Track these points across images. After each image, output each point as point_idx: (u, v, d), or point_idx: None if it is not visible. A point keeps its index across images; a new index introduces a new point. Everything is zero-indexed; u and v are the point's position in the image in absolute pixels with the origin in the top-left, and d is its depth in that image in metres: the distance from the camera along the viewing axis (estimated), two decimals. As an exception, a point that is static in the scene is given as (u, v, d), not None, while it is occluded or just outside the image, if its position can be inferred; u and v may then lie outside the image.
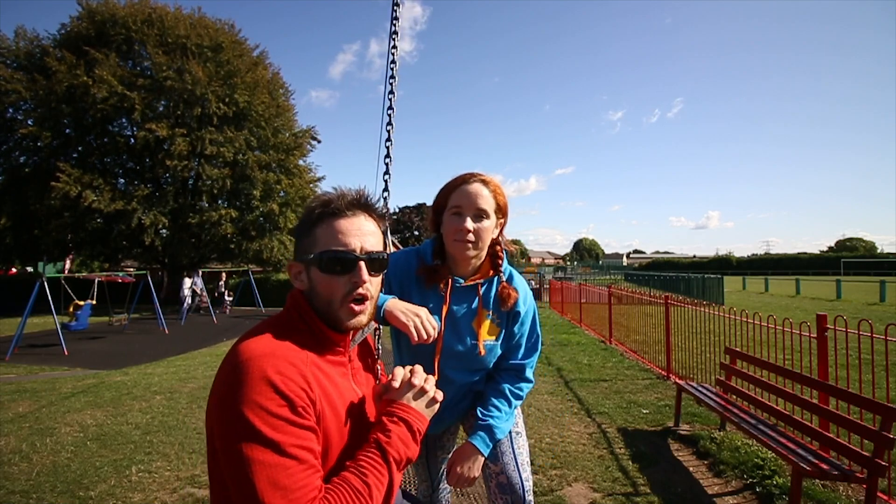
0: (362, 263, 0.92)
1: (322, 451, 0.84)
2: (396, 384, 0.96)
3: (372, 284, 0.95)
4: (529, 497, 1.45)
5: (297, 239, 0.98)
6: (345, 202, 0.94)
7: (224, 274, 18.06)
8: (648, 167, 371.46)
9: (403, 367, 1.01)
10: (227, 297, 17.18)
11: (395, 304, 1.24)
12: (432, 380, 1.00)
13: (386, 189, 1.34)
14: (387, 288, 1.42)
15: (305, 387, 0.81)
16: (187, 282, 14.78)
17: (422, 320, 1.21)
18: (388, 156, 1.35)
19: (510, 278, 1.51)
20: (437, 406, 1.01)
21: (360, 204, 0.97)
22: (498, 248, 1.50)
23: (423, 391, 0.97)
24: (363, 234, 0.93)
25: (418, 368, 1.00)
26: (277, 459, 0.74)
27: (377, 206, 1.01)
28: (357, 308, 0.93)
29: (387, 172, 1.35)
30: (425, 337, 1.20)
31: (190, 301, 14.83)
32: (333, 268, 0.91)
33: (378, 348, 1.24)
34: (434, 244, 1.48)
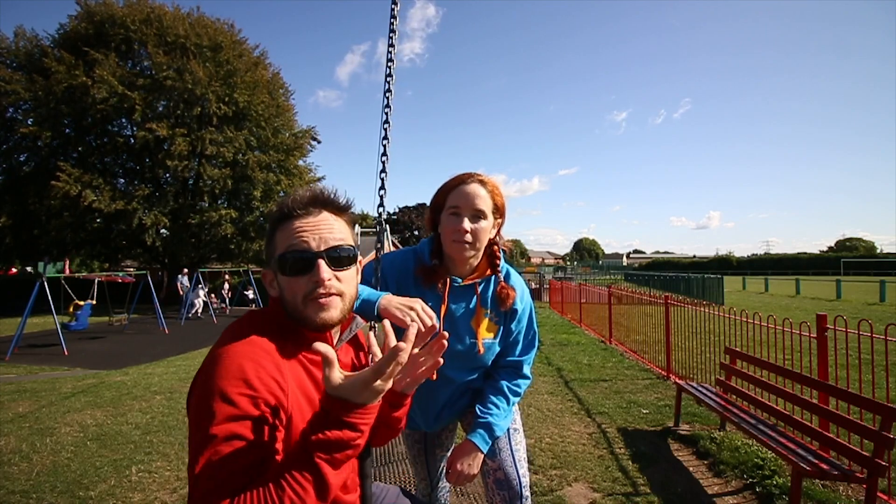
0: (320, 260, 0.88)
1: (292, 445, 0.83)
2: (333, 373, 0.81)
3: (340, 280, 0.92)
4: (526, 493, 1.47)
5: (266, 248, 0.97)
6: (298, 202, 0.92)
7: (226, 274, 18.08)
8: (651, 168, 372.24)
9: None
10: (224, 296, 17.21)
11: (389, 300, 1.23)
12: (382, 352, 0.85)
13: (382, 187, 1.34)
14: (383, 287, 1.42)
15: (279, 378, 0.81)
16: (196, 286, 14.78)
17: (418, 313, 1.19)
18: (384, 154, 1.35)
19: (507, 277, 1.51)
20: (385, 383, 0.78)
21: (316, 201, 0.94)
22: (495, 247, 1.50)
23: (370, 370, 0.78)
24: (320, 229, 0.91)
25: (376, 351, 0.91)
26: (223, 447, 0.73)
27: (337, 199, 0.97)
28: (323, 302, 0.89)
29: (383, 171, 1.35)
30: (423, 330, 1.19)
31: (200, 304, 14.86)
32: (292, 269, 0.89)
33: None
34: (432, 244, 1.48)
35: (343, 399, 0.76)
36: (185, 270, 15.36)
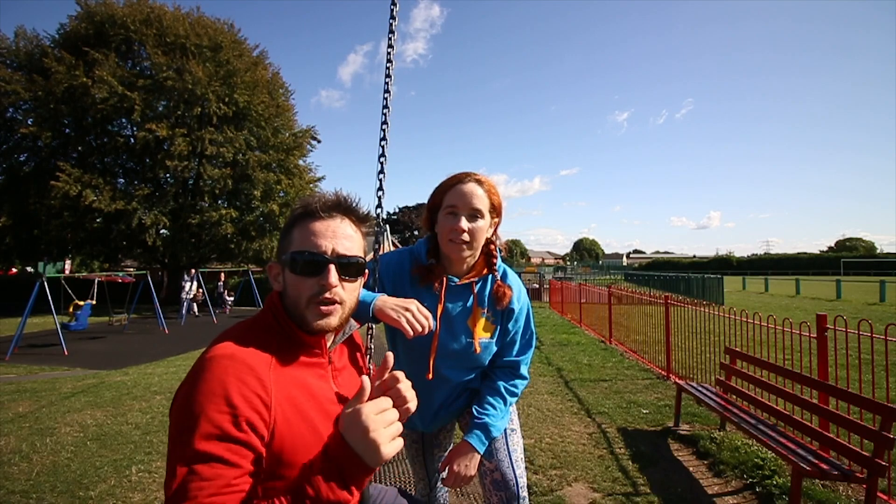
0: (332, 266, 0.90)
1: (284, 457, 0.82)
2: (350, 408, 0.79)
3: (344, 289, 0.93)
4: (523, 493, 1.47)
5: (279, 240, 0.98)
6: (322, 204, 0.93)
7: (223, 274, 18.05)
8: (652, 168, 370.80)
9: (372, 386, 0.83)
10: (227, 298, 17.15)
11: (384, 301, 1.23)
12: (396, 422, 0.80)
13: (380, 188, 1.34)
14: (380, 288, 1.42)
15: (262, 394, 0.80)
16: (190, 284, 14.74)
17: (413, 314, 1.19)
18: (382, 155, 1.35)
19: (504, 276, 1.51)
20: (389, 450, 0.76)
21: (339, 207, 0.95)
22: (492, 246, 1.50)
23: (381, 424, 0.76)
24: (337, 236, 0.92)
25: (383, 402, 0.80)
26: (199, 468, 0.72)
27: (359, 209, 0.99)
28: (325, 309, 0.90)
29: (381, 171, 1.35)
30: (420, 329, 1.18)
31: (190, 301, 14.82)
32: (303, 269, 0.90)
33: (370, 347, 1.22)
34: (428, 244, 1.48)
35: (360, 457, 0.75)
36: (193, 271, 15.30)
